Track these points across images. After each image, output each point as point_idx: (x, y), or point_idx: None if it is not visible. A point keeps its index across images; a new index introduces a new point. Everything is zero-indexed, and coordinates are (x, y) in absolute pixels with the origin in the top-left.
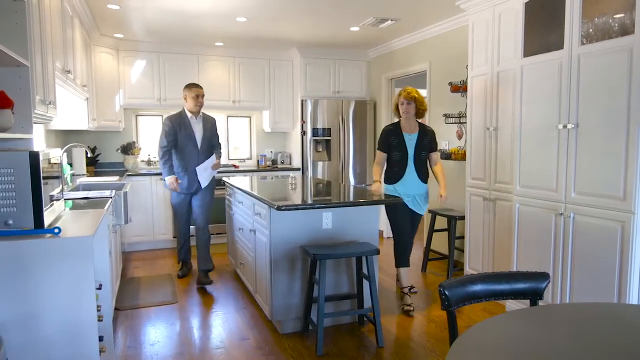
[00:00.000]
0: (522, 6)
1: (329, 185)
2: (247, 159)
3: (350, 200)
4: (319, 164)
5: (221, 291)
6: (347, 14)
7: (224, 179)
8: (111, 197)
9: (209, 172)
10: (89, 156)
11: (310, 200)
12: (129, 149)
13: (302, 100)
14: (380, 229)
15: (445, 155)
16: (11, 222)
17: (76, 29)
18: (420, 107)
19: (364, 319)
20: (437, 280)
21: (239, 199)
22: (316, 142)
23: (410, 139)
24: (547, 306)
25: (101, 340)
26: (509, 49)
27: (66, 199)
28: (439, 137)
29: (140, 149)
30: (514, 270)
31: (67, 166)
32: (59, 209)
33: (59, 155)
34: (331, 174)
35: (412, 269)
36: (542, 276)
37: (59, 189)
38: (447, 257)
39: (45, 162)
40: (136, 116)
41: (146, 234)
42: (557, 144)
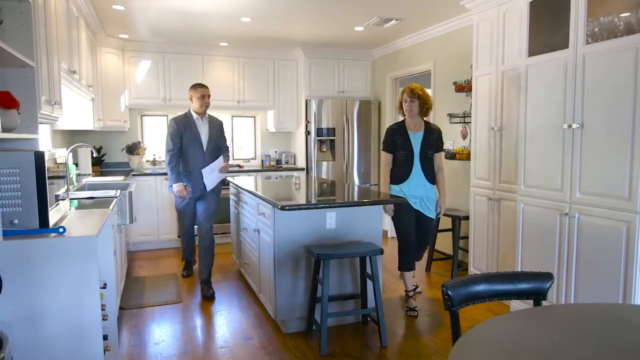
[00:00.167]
0: (527, 5)
1: (333, 185)
2: (252, 159)
3: (354, 200)
4: (323, 163)
5: (225, 291)
6: (352, 13)
7: (229, 179)
8: (116, 197)
9: (215, 175)
10: (95, 156)
11: (314, 200)
12: (134, 149)
13: (306, 100)
14: (384, 229)
15: (449, 155)
16: (17, 221)
17: (82, 29)
18: (424, 105)
19: (368, 319)
20: (442, 280)
21: (243, 199)
22: (320, 142)
23: (415, 137)
24: (550, 306)
25: (105, 339)
26: (513, 48)
27: (71, 199)
28: (444, 137)
29: (145, 149)
30: (519, 270)
31: (72, 166)
32: (65, 208)
33: (64, 155)
34: (335, 174)
35: (417, 269)
36: (546, 276)
37: (64, 189)
38: (451, 257)
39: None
40: (141, 116)
41: (151, 234)
42: (562, 144)
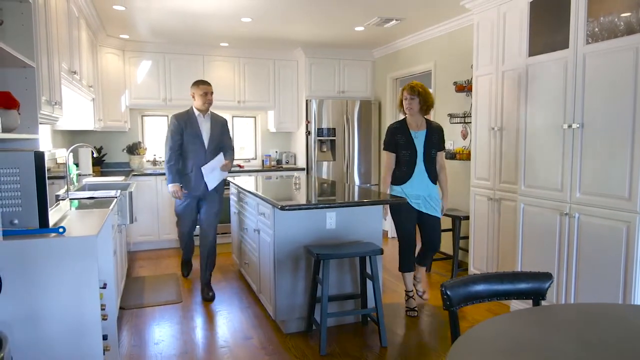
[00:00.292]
0: (527, 5)
1: (333, 185)
2: (252, 159)
3: (354, 200)
4: (323, 164)
5: (225, 291)
6: (352, 13)
7: (229, 179)
8: (116, 197)
9: (217, 174)
10: (95, 156)
11: (314, 200)
12: (134, 149)
13: (306, 100)
14: (384, 229)
15: (450, 155)
16: (16, 221)
17: (82, 30)
18: (425, 103)
19: (368, 319)
20: (441, 280)
21: (244, 199)
22: (321, 142)
23: (417, 136)
24: (550, 306)
25: (105, 339)
26: (514, 48)
27: (72, 199)
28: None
29: (145, 149)
30: (519, 270)
31: (73, 166)
32: (65, 208)
33: (65, 155)
34: (336, 174)
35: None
36: (545, 276)
37: (64, 189)
38: (451, 257)
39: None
40: (142, 116)
41: (151, 234)
42: (562, 144)
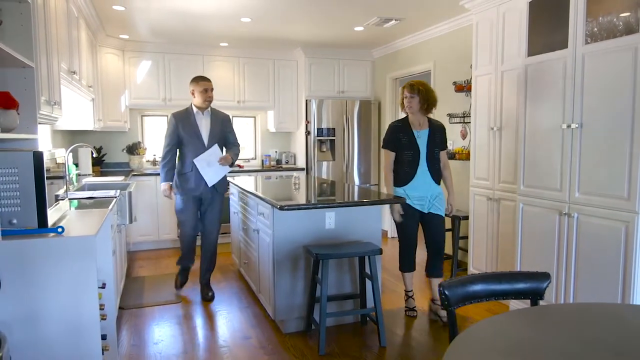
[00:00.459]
0: (526, 5)
1: (332, 185)
2: (252, 159)
3: (353, 200)
4: (323, 163)
5: (225, 290)
6: (352, 14)
7: (229, 179)
8: (116, 197)
9: (215, 169)
10: (95, 156)
11: (313, 200)
12: (134, 149)
13: (306, 100)
14: (384, 228)
15: (449, 155)
16: (15, 221)
17: (82, 30)
18: (426, 102)
19: (367, 318)
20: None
21: (243, 199)
22: (320, 142)
23: (420, 136)
24: (548, 306)
25: (104, 338)
26: (513, 48)
27: (71, 199)
28: None
29: (145, 149)
30: (518, 270)
31: (72, 166)
32: (64, 208)
33: (64, 155)
34: (336, 174)
35: (417, 269)
36: (543, 276)
37: (64, 189)
38: (450, 257)
39: (51, 162)
40: (142, 116)
41: (151, 234)
42: (561, 144)
